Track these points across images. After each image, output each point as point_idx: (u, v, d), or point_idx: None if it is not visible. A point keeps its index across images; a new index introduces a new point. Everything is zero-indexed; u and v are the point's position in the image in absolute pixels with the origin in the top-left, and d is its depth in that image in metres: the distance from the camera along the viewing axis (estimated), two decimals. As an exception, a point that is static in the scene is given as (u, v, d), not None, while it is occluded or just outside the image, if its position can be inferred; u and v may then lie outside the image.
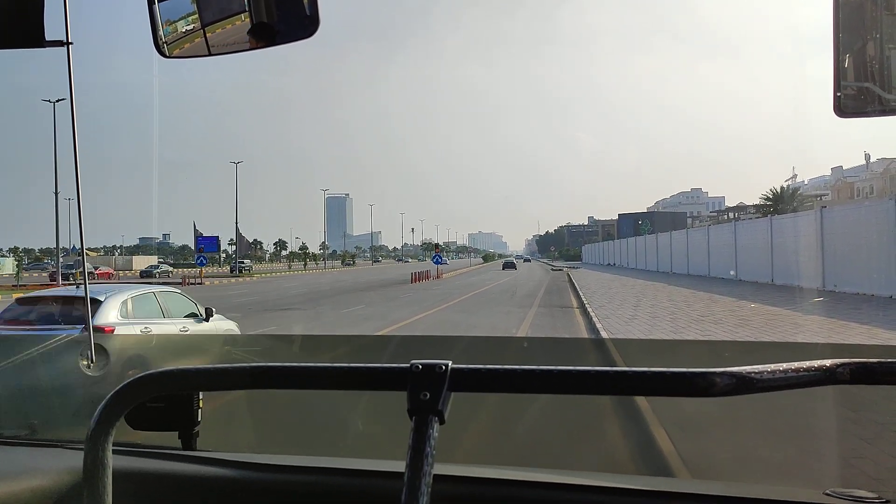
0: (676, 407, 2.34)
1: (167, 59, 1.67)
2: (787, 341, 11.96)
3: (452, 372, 0.98)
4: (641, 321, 18.02)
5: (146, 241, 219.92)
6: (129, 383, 1.10)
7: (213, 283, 49.84)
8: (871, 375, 0.98)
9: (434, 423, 0.94)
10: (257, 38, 1.57)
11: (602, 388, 0.98)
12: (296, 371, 1.07)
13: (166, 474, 1.64)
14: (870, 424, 2.83)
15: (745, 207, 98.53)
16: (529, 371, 0.98)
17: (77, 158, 2.19)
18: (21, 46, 1.60)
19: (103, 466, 1.08)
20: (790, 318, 17.83)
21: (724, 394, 0.94)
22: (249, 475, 1.62)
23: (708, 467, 2.55)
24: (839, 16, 1.25)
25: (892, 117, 1.26)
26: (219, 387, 1.16)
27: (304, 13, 1.53)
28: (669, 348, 4.31)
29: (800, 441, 2.47)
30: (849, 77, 1.28)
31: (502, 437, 2.29)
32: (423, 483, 0.89)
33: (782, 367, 0.96)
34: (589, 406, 2.25)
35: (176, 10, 1.66)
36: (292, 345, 4.14)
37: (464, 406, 1.07)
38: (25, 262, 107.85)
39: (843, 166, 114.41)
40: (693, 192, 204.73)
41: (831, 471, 2.27)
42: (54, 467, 1.65)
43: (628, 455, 2.51)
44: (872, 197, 61.03)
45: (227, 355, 3.58)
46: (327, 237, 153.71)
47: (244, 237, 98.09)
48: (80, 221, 2.28)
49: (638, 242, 69.72)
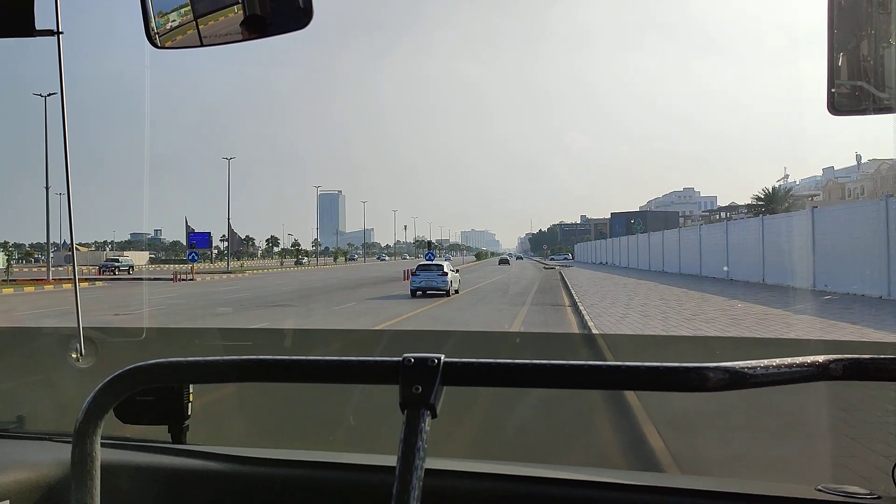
0: (668, 403, 2.34)
1: (160, 51, 1.66)
2: (779, 338, 12.00)
3: (445, 365, 0.98)
4: (633, 319, 18.04)
5: (137, 237, 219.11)
6: (117, 375, 1.09)
7: (204, 280, 49.68)
8: (863, 371, 0.99)
9: (426, 416, 0.94)
10: (250, 30, 1.56)
11: (595, 382, 0.98)
12: (286, 364, 1.06)
13: (155, 468, 1.63)
14: (860, 424, 2.84)
15: (737, 207, 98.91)
16: (522, 365, 0.98)
17: (67, 151, 2.18)
18: (10, 35, 1.58)
19: (92, 459, 1.07)
20: (781, 318, 17.89)
21: (717, 389, 0.93)
22: (239, 469, 1.61)
23: (699, 464, 2.56)
24: (833, 14, 1.25)
25: (884, 116, 1.26)
26: (209, 379, 1.15)
27: (298, 5, 1.52)
28: (660, 344, 4.33)
29: (792, 439, 2.47)
30: (842, 75, 1.28)
31: (494, 432, 2.29)
32: (415, 477, 0.89)
33: (775, 362, 0.96)
34: (581, 401, 2.24)
35: (168, 2, 1.65)
36: (284, 339, 4.13)
37: (456, 400, 1.07)
38: (15, 256, 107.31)
39: (834, 167, 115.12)
40: (685, 191, 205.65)
41: (823, 468, 2.28)
42: (42, 460, 1.64)
43: (619, 450, 2.52)
44: (863, 198, 61.35)
45: (218, 348, 3.57)
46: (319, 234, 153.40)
47: (236, 233, 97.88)
48: (69, 216, 2.26)
49: (630, 241, 69.83)
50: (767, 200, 70.56)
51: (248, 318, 20.35)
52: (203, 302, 28.41)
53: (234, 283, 45.38)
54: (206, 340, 4.45)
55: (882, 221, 22.03)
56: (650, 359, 0.97)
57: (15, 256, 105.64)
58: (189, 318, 21.27)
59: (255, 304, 26.02)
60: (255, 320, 19.42)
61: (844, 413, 2.59)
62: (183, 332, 7.18)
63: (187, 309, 24.85)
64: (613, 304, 23.31)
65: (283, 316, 21.67)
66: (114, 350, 3.23)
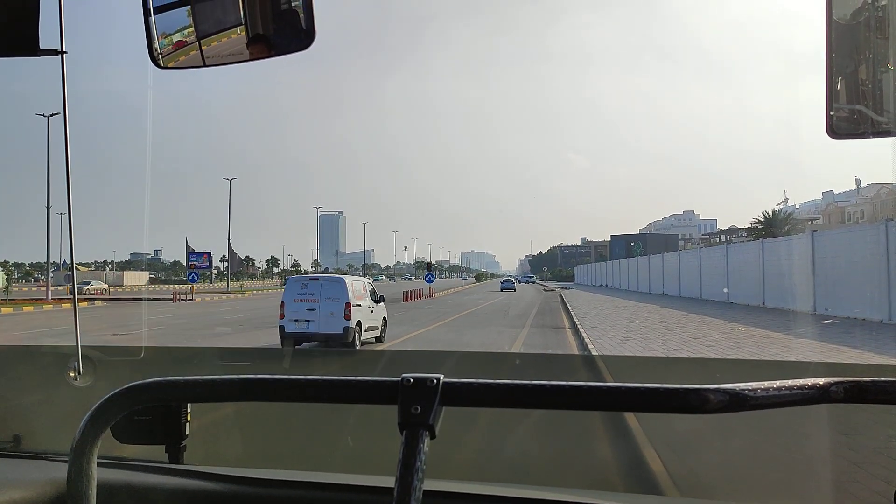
0: (667, 425, 2.33)
1: (163, 71, 1.67)
2: (780, 360, 11.97)
3: (444, 386, 0.97)
4: (633, 342, 17.99)
5: (137, 257, 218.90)
6: (114, 394, 1.08)
7: (203, 300, 49.60)
8: (864, 394, 0.98)
9: (425, 437, 0.93)
10: (252, 51, 1.57)
11: (594, 403, 0.97)
12: (285, 383, 1.06)
13: (152, 488, 1.62)
14: (861, 448, 2.82)
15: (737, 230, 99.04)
16: (522, 386, 0.97)
17: (69, 171, 2.18)
18: (15, 55, 1.59)
19: (88, 479, 1.06)
20: (782, 341, 17.84)
21: (718, 411, 0.93)
22: (237, 489, 1.60)
23: (699, 487, 2.54)
24: (831, 38, 1.26)
25: (882, 140, 1.26)
26: (207, 398, 1.14)
27: (300, 26, 1.53)
28: (660, 366, 4.32)
29: (793, 462, 2.46)
30: (841, 99, 1.28)
31: (493, 453, 2.28)
32: (413, 499, 0.88)
33: (776, 384, 0.95)
34: (581, 423, 2.23)
35: (172, 22, 1.66)
36: (283, 359, 4.12)
37: (456, 421, 1.06)
38: (15, 276, 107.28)
39: (833, 191, 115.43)
40: (685, 214, 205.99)
41: (824, 491, 2.26)
42: (38, 479, 1.63)
43: (619, 473, 2.50)
44: (863, 222, 61.43)
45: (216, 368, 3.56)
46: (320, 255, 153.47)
47: (236, 254, 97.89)
48: (70, 236, 2.26)
49: (630, 264, 69.85)
50: (767, 224, 70.70)
51: (247, 339, 20.29)
52: (202, 322, 28.34)
53: (233, 303, 45.31)
54: (204, 360, 4.44)
55: (882, 245, 22.05)
56: (650, 381, 0.96)
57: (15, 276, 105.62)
58: (188, 338, 21.21)
59: (253, 325, 25.97)
60: (253, 340, 19.36)
61: (845, 437, 2.57)
62: (181, 352, 7.16)
63: (186, 329, 24.78)
64: (613, 326, 23.26)
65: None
66: (112, 369, 3.22)
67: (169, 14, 1.64)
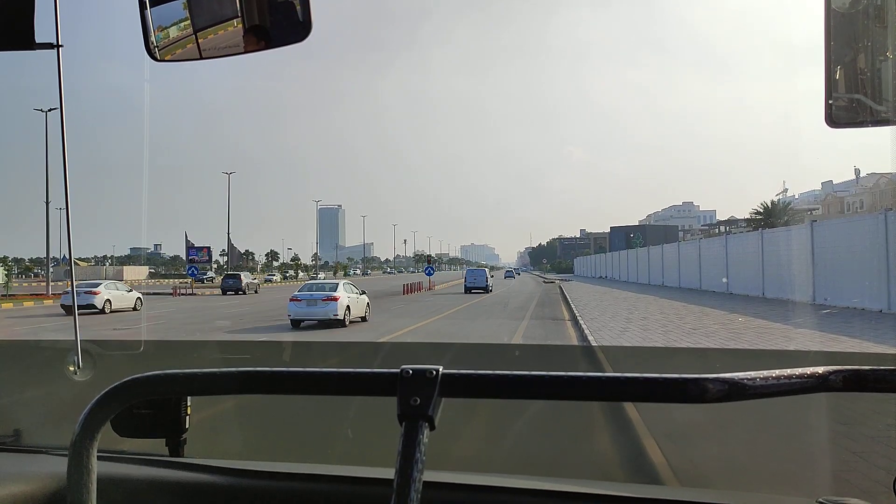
0: (668, 415, 2.33)
1: (159, 64, 1.67)
2: (779, 349, 11.98)
3: (443, 377, 0.97)
4: (633, 333, 18.01)
5: (137, 252, 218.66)
6: (114, 387, 1.08)
7: (203, 294, 49.61)
8: (863, 383, 0.98)
9: (424, 428, 0.93)
10: (249, 43, 1.57)
11: (594, 393, 0.97)
12: (284, 376, 1.06)
13: (153, 481, 1.62)
14: (861, 436, 2.83)
15: (737, 221, 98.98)
16: (521, 377, 0.97)
17: (66, 165, 2.18)
18: (11, 49, 1.59)
19: (88, 472, 1.06)
20: (781, 331, 17.86)
21: (717, 400, 0.93)
22: (238, 482, 1.60)
23: (699, 476, 2.55)
24: (830, 27, 1.25)
25: (881, 129, 1.26)
26: (207, 391, 1.14)
27: (297, 18, 1.53)
28: (660, 356, 4.32)
29: (792, 451, 2.46)
30: (840, 88, 1.28)
31: (493, 444, 2.28)
32: (413, 490, 0.88)
33: (775, 373, 0.95)
34: (580, 413, 2.24)
35: (168, 15, 1.66)
36: (283, 352, 4.12)
37: (455, 412, 1.06)
38: (15, 271, 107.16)
39: (832, 181, 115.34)
40: (684, 205, 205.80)
41: (823, 480, 2.27)
42: (39, 473, 1.63)
43: (619, 463, 2.51)
44: (862, 211, 61.45)
45: (216, 361, 3.56)
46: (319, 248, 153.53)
47: (236, 248, 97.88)
48: (68, 231, 2.26)
49: (630, 255, 69.80)
50: (766, 214, 70.61)
51: (246, 332, 20.32)
52: (202, 316, 28.36)
53: (233, 297, 45.31)
54: (204, 353, 4.44)
55: (881, 235, 22.04)
56: (649, 371, 0.96)
57: (15, 271, 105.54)
58: (188, 332, 21.23)
59: (253, 319, 25.98)
60: (253, 334, 19.38)
61: (845, 426, 2.58)
62: (181, 346, 7.16)
63: (186, 323, 24.81)
64: (613, 317, 23.27)
65: (282, 330, 21.64)
66: (112, 363, 3.22)
67: (165, 7, 1.64)
